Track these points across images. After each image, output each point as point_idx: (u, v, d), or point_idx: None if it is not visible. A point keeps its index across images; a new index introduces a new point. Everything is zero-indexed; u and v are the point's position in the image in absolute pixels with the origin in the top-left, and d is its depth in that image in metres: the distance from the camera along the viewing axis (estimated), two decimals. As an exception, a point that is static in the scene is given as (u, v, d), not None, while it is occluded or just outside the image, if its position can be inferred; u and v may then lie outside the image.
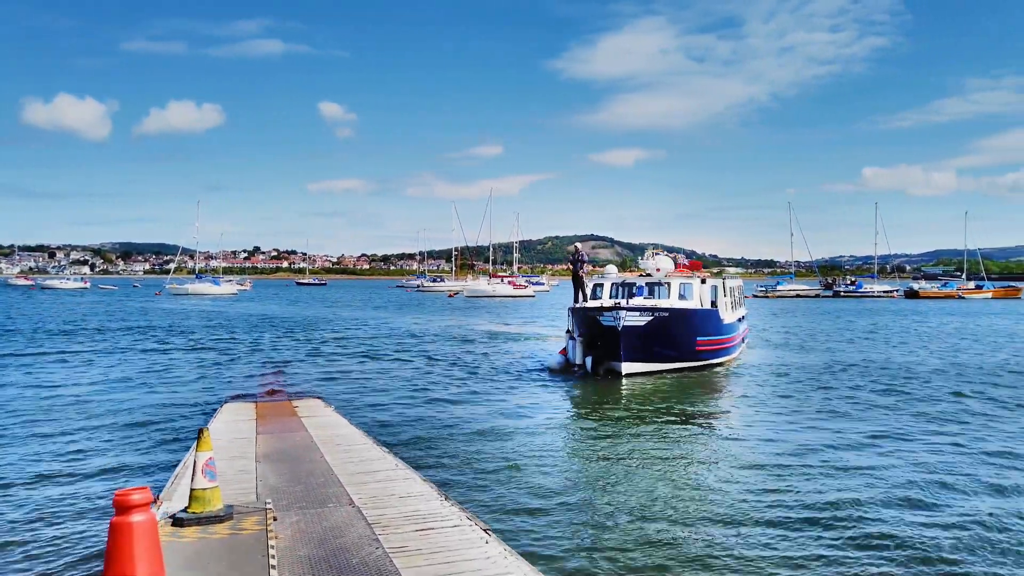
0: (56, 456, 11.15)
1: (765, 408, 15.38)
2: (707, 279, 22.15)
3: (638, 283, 22.26)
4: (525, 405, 15.61)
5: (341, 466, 8.72)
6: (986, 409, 15.32)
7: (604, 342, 19.10)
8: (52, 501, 8.93)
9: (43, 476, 10.04)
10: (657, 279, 22.05)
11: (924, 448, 11.73)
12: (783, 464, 10.62)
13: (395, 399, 16.47)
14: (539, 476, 10.01)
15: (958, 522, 8.23)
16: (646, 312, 18.82)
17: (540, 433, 12.81)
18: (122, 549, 4.17)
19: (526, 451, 11.44)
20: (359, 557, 5.73)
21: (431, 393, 17.23)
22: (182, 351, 26.95)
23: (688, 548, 7.39)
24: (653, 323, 18.72)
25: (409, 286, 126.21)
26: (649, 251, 24.22)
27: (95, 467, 10.51)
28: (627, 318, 18.49)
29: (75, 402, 15.91)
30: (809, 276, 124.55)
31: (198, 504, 6.29)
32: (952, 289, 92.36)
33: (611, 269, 25.85)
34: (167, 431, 12.97)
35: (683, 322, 19.66)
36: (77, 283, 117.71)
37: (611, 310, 18.78)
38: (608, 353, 19.19)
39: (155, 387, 18.19)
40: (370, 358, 24.83)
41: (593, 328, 19.34)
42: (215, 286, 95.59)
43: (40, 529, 7.95)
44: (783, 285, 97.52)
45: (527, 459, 10.93)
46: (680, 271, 23.08)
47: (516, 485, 9.55)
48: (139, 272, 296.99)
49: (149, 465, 10.65)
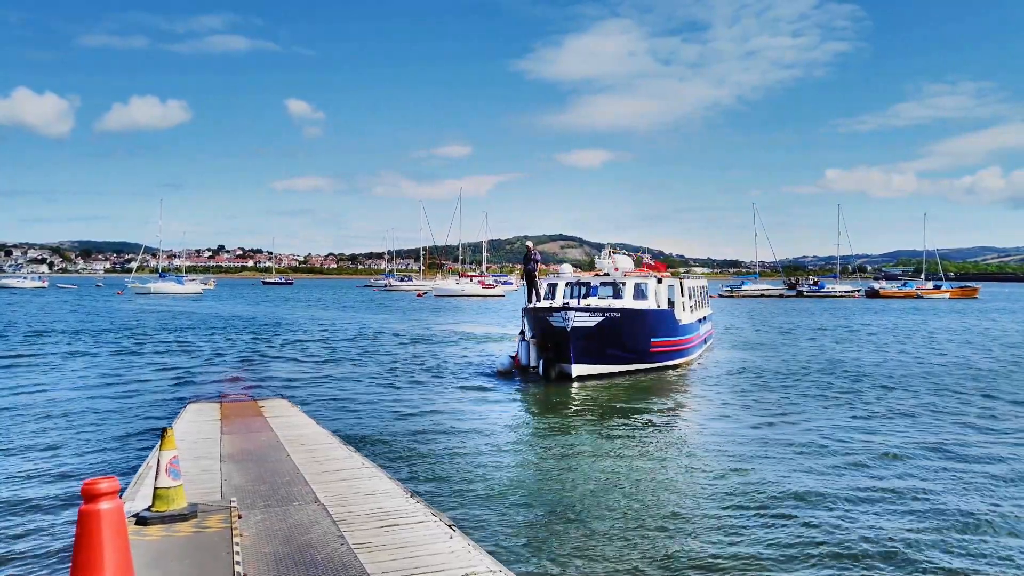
0: (15, 458, 10.96)
1: (712, 409, 15.24)
2: (664, 279, 21.61)
3: (593, 283, 21.78)
4: (465, 409, 15.14)
5: (307, 465, 8.74)
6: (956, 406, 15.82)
7: (555, 343, 18.54)
8: (10, 504, 8.81)
9: (2, 478, 9.88)
10: (613, 279, 21.43)
11: (875, 446, 12.03)
12: (726, 462, 10.77)
13: (360, 399, 16.46)
14: (493, 475, 10.14)
15: (910, 513, 8.55)
16: (596, 312, 18.15)
17: (486, 434, 12.77)
18: (91, 536, 4.20)
19: (467, 451, 11.54)
20: (324, 553, 5.79)
21: (393, 394, 17.21)
22: (144, 351, 26.52)
23: (643, 543, 7.57)
24: (604, 324, 18.12)
25: (377, 285, 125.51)
26: (607, 249, 23.49)
27: (56, 468, 10.36)
28: (576, 319, 17.86)
29: (35, 404, 15.60)
30: (773, 276, 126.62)
31: (162, 503, 6.29)
32: (911, 289, 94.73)
33: (566, 268, 24.71)
34: (130, 432, 12.80)
35: (636, 323, 19.08)
36: (35, 282, 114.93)
37: (561, 310, 18.15)
38: (558, 355, 18.62)
39: (117, 388, 17.90)
40: (335, 359, 24.72)
41: (544, 329, 18.74)
42: (179, 285, 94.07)
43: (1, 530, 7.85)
44: (748, 285, 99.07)
45: (475, 458, 11.04)
46: (639, 271, 22.49)
47: (470, 483, 9.67)
48: (99, 271, 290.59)
49: (111, 466, 10.52)
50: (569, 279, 22.40)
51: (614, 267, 22.18)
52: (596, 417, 14.30)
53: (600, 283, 21.69)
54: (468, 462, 10.72)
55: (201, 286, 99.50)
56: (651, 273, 22.12)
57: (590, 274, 22.87)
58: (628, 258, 23.38)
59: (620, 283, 20.99)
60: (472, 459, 10.91)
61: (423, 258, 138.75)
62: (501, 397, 16.86)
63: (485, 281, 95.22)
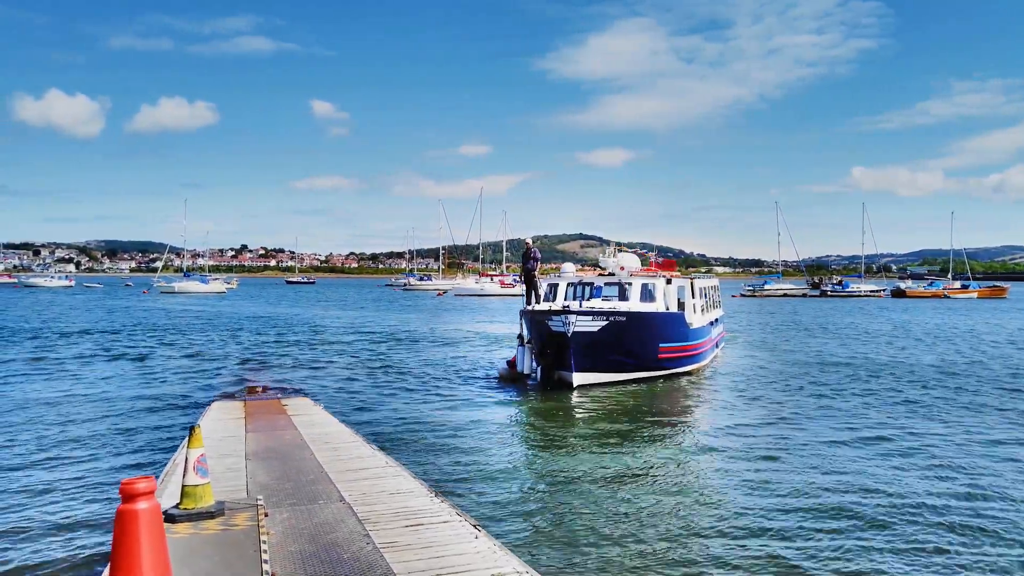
0: (45, 456, 11.12)
1: (728, 420, 13.87)
2: (673, 279, 19.97)
3: (596, 283, 20.20)
4: (455, 416, 14.38)
5: (331, 463, 8.77)
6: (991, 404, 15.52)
7: (554, 349, 17.07)
8: (43, 504, 8.93)
9: (33, 475, 10.02)
10: (618, 279, 19.74)
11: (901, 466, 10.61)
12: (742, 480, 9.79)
13: (381, 398, 16.51)
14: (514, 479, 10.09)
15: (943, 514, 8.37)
16: (600, 316, 16.72)
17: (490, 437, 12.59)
18: (129, 535, 4.23)
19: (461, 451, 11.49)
20: (350, 552, 5.79)
21: (411, 395, 17.17)
22: (170, 349, 26.83)
23: (667, 553, 7.50)
24: (608, 328, 16.65)
25: (397, 285, 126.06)
26: (612, 247, 21.83)
27: (83, 465, 10.49)
28: (578, 323, 16.40)
29: (62, 402, 15.83)
30: (796, 276, 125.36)
31: (190, 500, 6.32)
32: (938, 289, 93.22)
33: (568, 267, 22.78)
34: (155, 430, 12.95)
35: (643, 327, 17.59)
36: (62, 281, 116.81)
37: (560, 313, 16.66)
38: (558, 361, 17.15)
39: (143, 386, 18.14)
40: (357, 358, 24.83)
41: (542, 333, 17.22)
42: (203, 284, 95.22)
43: (33, 527, 7.96)
44: (770, 285, 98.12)
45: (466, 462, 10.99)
46: (646, 271, 20.92)
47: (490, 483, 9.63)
48: (124, 270, 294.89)
49: (137, 463, 10.64)
50: (571, 279, 20.79)
51: (619, 266, 20.70)
52: (594, 430, 13.02)
53: (604, 283, 20.17)
54: (458, 465, 10.70)
55: (224, 285, 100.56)
56: (659, 273, 20.65)
57: (593, 273, 21.38)
58: (635, 256, 21.81)
59: (626, 283, 19.36)
60: (464, 462, 10.89)
61: (442, 257, 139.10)
62: (492, 405, 15.56)
63: (505, 280, 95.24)
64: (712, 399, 16.52)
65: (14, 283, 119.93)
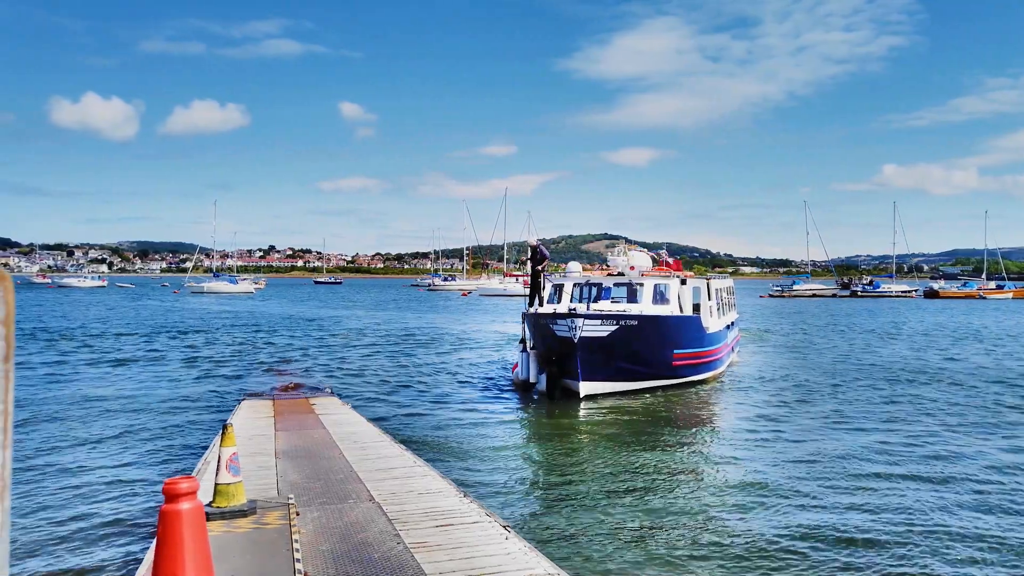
0: (78, 455, 11.31)
1: (752, 433, 12.92)
2: (688, 279, 18.48)
3: (605, 283, 18.87)
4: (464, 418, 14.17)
5: (360, 462, 8.79)
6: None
7: (559, 356, 15.79)
8: (77, 498, 9.07)
9: (68, 473, 10.19)
10: (628, 279, 18.27)
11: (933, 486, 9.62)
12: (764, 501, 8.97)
13: (405, 399, 16.57)
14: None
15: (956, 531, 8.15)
16: (609, 320, 15.44)
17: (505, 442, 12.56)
18: (172, 535, 4.26)
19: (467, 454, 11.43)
20: (381, 552, 5.79)
21: (426, 396, 17.19)
22: (200, 348, 27.19)
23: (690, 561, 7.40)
24: (618, 333, 15.34)
25: (422, 285, 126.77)
26: (621, 245, 20.46)
27: (116, 464, 10.65)
28: (586, 327, 15.12)
29: (93, 402, 16.10)
30: (825, 276, 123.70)
31: (222, 498, 6.37)
32: (972, 289, 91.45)
33: (574, 267, 20.73)
34: (186, 428, 13.12)
35: (656, 332, 16.27)
36: (95, 281, 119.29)
37: (566, 317, 15.32)
38: (564, 369, 15.85)
39: (173, 384, 18.39)
40: (383, 357, 24.95)
41: (547, 338, 15.90)
42: (232, 284, 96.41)
43: (71, 526, 8.08)
44: (799, 285, 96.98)
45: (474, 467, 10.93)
46: (657, 270, 19.36)
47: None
48: (156, 271, 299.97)
49: (167, 461, 10.78)
50: (577, 279, 19.39)
51: (629, 265, 19.10)
52: (607, 440, 12.35)
53: (613, 284, 18.77)
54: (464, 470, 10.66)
55: (253, 285, 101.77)
56: (673, 272, 19.11)
57: (601, 273, 19.79)
58: (646, 255, 20.24)
59: (637, 284, 17.94)
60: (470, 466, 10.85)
61: (467, 258, 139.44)
62: (501, 412, 15.00)
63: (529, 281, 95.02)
64: (733, 409, 15.42)
65: (48, 283, 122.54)
